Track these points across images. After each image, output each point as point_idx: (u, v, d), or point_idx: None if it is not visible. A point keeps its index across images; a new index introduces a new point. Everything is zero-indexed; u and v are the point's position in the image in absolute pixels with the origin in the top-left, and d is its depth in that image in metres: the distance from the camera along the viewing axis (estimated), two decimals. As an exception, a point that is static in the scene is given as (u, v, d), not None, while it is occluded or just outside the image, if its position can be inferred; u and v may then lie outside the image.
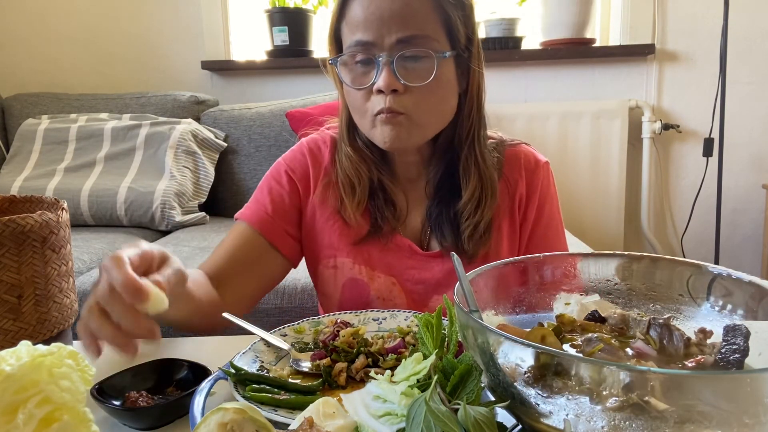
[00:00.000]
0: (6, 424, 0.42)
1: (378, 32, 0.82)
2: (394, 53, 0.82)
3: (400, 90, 0.83)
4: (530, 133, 2.35)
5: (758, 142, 2.42)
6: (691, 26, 2.38)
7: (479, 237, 0.92)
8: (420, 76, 0.83)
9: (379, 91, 0.84)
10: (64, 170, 2.15)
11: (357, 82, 0.87)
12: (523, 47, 2.44)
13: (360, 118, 0.90)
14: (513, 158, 0.98)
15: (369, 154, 0.95)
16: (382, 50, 0.83)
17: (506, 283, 0.63)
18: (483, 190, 0.92)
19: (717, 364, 0.51)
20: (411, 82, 0.83)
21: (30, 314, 0.69)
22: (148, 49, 2.60)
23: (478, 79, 0.91)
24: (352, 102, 0.89)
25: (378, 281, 0.96)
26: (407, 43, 0.82)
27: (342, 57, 0.87)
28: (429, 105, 0.86)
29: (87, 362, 0.48)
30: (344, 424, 0.49)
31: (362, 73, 0.86)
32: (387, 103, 0.84)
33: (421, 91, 0.84)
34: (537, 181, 0.98)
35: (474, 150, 0.92)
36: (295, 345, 0.75)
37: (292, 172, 1.00)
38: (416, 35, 0.82)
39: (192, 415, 0.56)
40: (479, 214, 0.91)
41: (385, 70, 0.83)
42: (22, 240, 0.68)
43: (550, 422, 0.43)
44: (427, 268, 0.96)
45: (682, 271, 0.61)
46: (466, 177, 0.92)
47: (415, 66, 0.84)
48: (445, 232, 0.93)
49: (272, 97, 2.46)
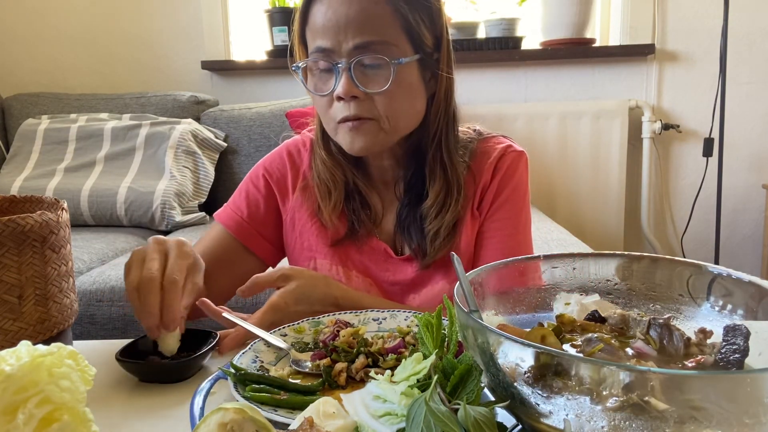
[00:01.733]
0: (6, 424, 0.42)
1: (335, 39, 0.82)
2: (352, 60, 0.82)
3: (360, 96, 0.83)
4: (530, 133, 2.36)
5: (758, 142, 2.42)
6: (691, 26, 2.38)
7: (441, 240, 0.91)
8: (378, 82, 0.83)
9: (340, 98, 0.83)
10: (64, 170, 2.15)
11: (319, 88, 0.86)
12: (523, 47, 2.44)
13: (326, 124, 0.90)
14: (483, 151, 0.97)
15: (342, 158, 0.95)
16: (340, 57, 0.83)
17: (506, 283, 0.63)
18: (448, 192, 0.91)
19: (717, 364, 0.51)
20: (369, 89, 0.83)
21: (30, 314, 0.69)
22: (148, 49, 2.60)
23: (446, 81, 0.91)
24: (318, 108, 0.89)
25: (356, 281, 0.96)
26: (365, 48, 0.82)
27: (305, 63, 0.87)
28: (392, 110, 0.85)
29: (87, 362, 0.48)
30: (344, 424, 0.49)
31: (324, 80, 0.86)
32: (351, 110, 0.83)
33: (382, 97, 0.84)
34: (501, 167, 0.95)
35: (440, 152, 0.92)
36: (295, 345, 0.75)
37: (269, 176, 1.01)
38: (373, 41, 0.82)
39: (192, 415, 0.56)
40: (440, 218, 0.91)
41: (343, 77, 0.82)
42: (22, 240, 0.68)
43: (550, 422, 0.43)
44: (401, 270, 0.96)
45: (682, 271, 0.61)
46: (432, 179, 0.92)
47: (373, 72, 0.83)
48: (412, 234, 0.93)
49: (272, 97, 2.46)
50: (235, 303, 1.45)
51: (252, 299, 1.45)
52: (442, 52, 0.89)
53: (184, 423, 0.61)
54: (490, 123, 0.97)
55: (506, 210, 0.95)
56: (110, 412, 0.64)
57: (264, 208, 1.00)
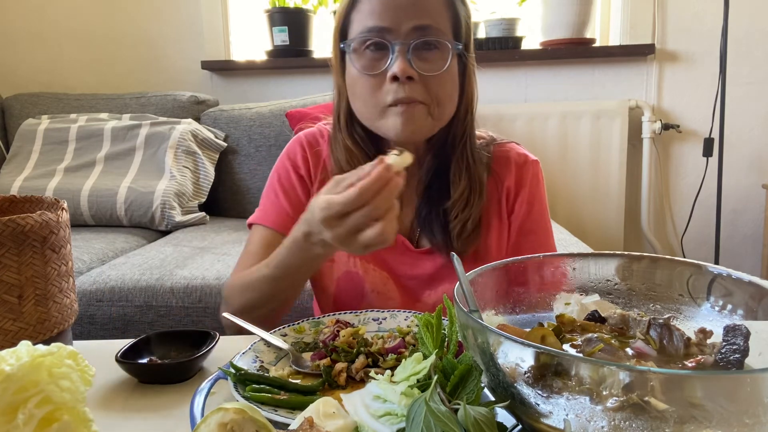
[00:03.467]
0: (6, 424, 0.42)
1: (395, 18, 0.82)
2: (410, 40, 0.82)
3: (416, 78, 0.83)
4: (530, 133, 2.35)
5: (758, 142, 2.42)
6: (691, 26, 2.38)
7: (468, 235, 0.92)
8: (434, 65, 0.84)
9: (394, 78, 0.83)
10: (64, 170, 2.15)
11: (368, 68, 0.85)
12: (523, 47, 2.44)
13: (367, 107, 0.88)
14: (502, 156, 0.99)
15: (365, 148, 0.94)
16: (397, 37, 0.83)
17: (506, 283, 0.63)
18: (471, 190, 0.92)
19: (717, 364, 0.51)
20: (425, 71, 0.83)
21: (30, 314, 0.69)
22: (148, 49, 2.60)
23: (473, 80, 0.92)
24: (360, 91, 0.88)
25: (373, 274, 0.96)
26: (423, 31, 0.82)
27: (353, 42, 0.86)
28: (443, 97, 0.86)
29: (87, 362, 0.48)
30: (344, 424, 0.49)
31: (374, 59, 0.85)
32: (404, 92, 0.83)
33: (433, 82, 0.84)
34: (526, 176, 0.98)
35: (466, 151, 0.93)
36: (295, 345, 0.75)
37: (297, 168, 1.00)
38: (431, 25, 0.83)
39: (192, 415, 0.56)
40: (467, 211, 0.91)
41: (400, 57, 0.82)
42: (22, 240, 0.68)
43: (550, 422, 0.43)
44: (419, 264, 0.96)
45: (682, 271, 0.61)
46: (456, 178, 0.92)
47: (428, 55, 0.84)
48: (434, 230, 0.93)
49: (272, 97, 2.46)
50: (235, 303, 1.45)
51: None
52: (470, 52, 0.91)
53: (184, 423, 0.61)
54: (490, 123, 0.98)
55: (538, 222, 0.98)
56: (110, 412, 0.64)
57: (305, 201, 0.98)
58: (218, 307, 1.01)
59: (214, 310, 1.45)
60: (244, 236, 1.92)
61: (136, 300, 1.47)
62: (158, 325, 1.46)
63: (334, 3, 2.57)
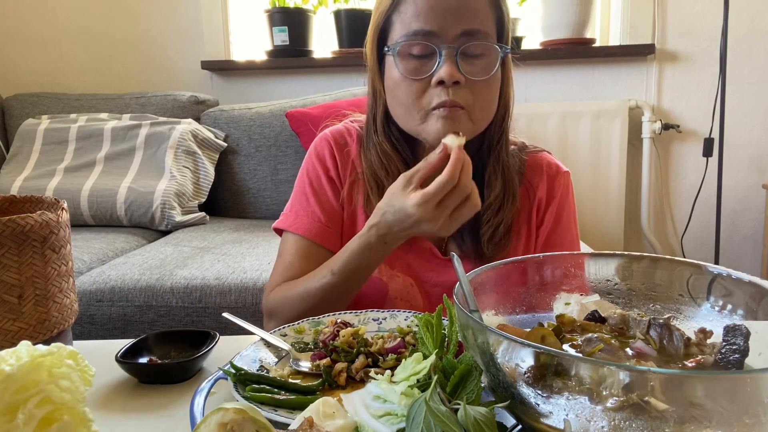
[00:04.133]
0: (6, 424, 0.42)
1: (442, 23, 0.81)
2: (458, 45, 0.82)
3: (462, 83, 0.82)
4: (530, 133, 2.35)
5: (758, 142, 2.42)
6: (691, 26, 2.38)
7: (498, 240, 0.91)
8: (482, 69, 0.83)
9: (440, 82, 0.82)
10: (64, 170, 2.15)
11: (414, 72, 0.84)
12: (523, 47, 2.44)
13: (409, 111, 0.87)
14: (535, 164, 0.98)
15: (401, 152, 0.93)
16: (445, 41, 0.82)
17: (506, 283, 0.63)
18: (505, 194, 0.92)
19: (717, 364, 0.51)
20: (473, 76, 0.83)
21: (30, 314, 0.69)
22: (148, 49, 2.60)
23: (511, 83, 0.92)
24: (402, 94, 0.86)
25: (397, 281, 0.96)
26: (471, 36, 0.82)
27: (398, 46, 0.85)
28: (486, 102, 0.85)
29: (87, 362, 0.48)
30: (344, 424, 0.49)
31: (420, 63, 0.84)
32: (450, 95, 0.82)
33: (479, 87, 0.84)
34: (557, 187, 0.98)
35: (501, 155, 0.92)
36: (295, 345, 0.74)
37: (327, 171, 0.99)
38: (479, 30, 0.82)
39: (192, 415, 0.56)
40: (499, 216, 0.91)
41: (448, 61, 0.81)
42: (22, 240, 0.68)
43: (550, 422, 0.43)
44: (445, 271, 0.96)
45: (682, 271, 0.61)
46: (491, 181, 0.92)
47: (476, 60, 0.83)
48: (464, 236, 0.93)
49: (272, 97, 2.46)
50: (235, 304, 1.45)
51: (252, 300, 1.46)
52: (509, 53, 0.90)
53: (184, 423, 0.61)
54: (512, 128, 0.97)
55: (565, 235, 0.98)
56: (110, 412, 0.64)
57: (337, 206, 0.98)
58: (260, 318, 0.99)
59: (214, 310, 1.45)
60: (244, 236, 1.92)
61: (136, 300, 1.47)
62: (158, 325, 1.47)
63: (334, 3, 2.57)
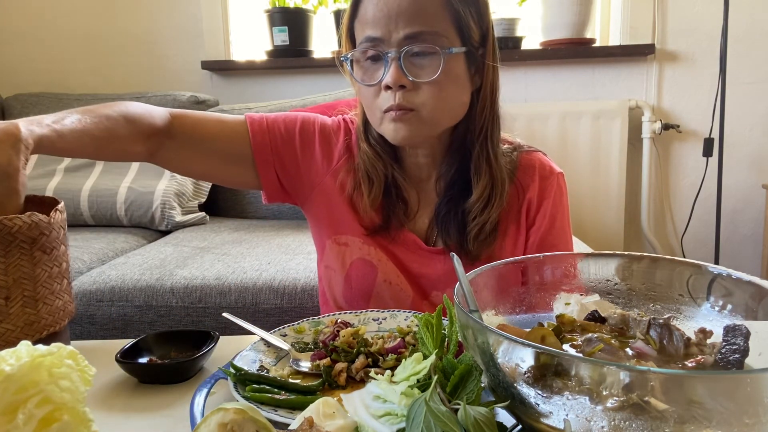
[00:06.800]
0: (6, 424, 0.42)
1: (386, 28, 0.83)
2: (402, 49, 0.83)
3: (408, 86, 0.84)
4: (530, 133, 2.35)
5: (758, 142, 2.42)
6: (691, 26, 2.38)
7: (484, 238, 0.92)
8: (427, 71, 0.84)
9: (387, 87, 0.84)
10: (64, 170, 2.15)
11: (367, 78, 0.88)
12: (523, 47, 2.44)
13: (371, 114, 0.91)
14: (528, 164, 0.98)
15: (382, 152, 0.96)
16: (390, 46, 0.84)
17: (506, 283, 0.63)
18: (493, 189, 0.92)
19: (717, 364, 0.51)
20: (418, 78, 0.84)
21: (17, 316, 0.68)
22: (148, 49, 2.60)
23: (492, 76, 0.92)
24: (364, 99, 0.90)
25: (386, 265, 0.97)
26: (415, 38, 0.83)
27: (353, 54, 0.88)
28: (437, 101, 0.86)
29: (87, 362, 0.48)
30: (344, 424, 0.49)
31: (372, 69, 0.87)
32: (396, 99, 0.84)
33: (429, 87, 0.84)
34: (550, 189, 0.97)
35: (486, 148, 0.92)
36: (295, 345, 0.75)
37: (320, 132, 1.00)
38: (424, 31, 0.83)
39: (192, 415, 0.56)
40: (486, 213, 0.91)
41: (392, 66, 0.83)
42: (9, 241, 0.67)
43: (550, 422, 0.43)
44: (429, 263, 0.96)
45: (682, 271, 0.61)
46: (477, 175, 0.92)
47: (422, 62, 0.84)
48: (450, 231, 0.94)
49: (272, 97, 2.46)
50: (235, 304, 1.45)
51: (252, 300, 1.46)
52: (488, 47, 0.91)
53: (184, 423, 0.61)
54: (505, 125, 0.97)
55: (560, 237, 0.98)
56: (110, 412, 0.64)
57: (300, 155, 0.99)
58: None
59: (214, 310, 1.45)
60: (244, 236, 1.92)
61: (136, 300, 1.47)
62: (158, 325, 1.47)
63: (334, 3, 2.57)
